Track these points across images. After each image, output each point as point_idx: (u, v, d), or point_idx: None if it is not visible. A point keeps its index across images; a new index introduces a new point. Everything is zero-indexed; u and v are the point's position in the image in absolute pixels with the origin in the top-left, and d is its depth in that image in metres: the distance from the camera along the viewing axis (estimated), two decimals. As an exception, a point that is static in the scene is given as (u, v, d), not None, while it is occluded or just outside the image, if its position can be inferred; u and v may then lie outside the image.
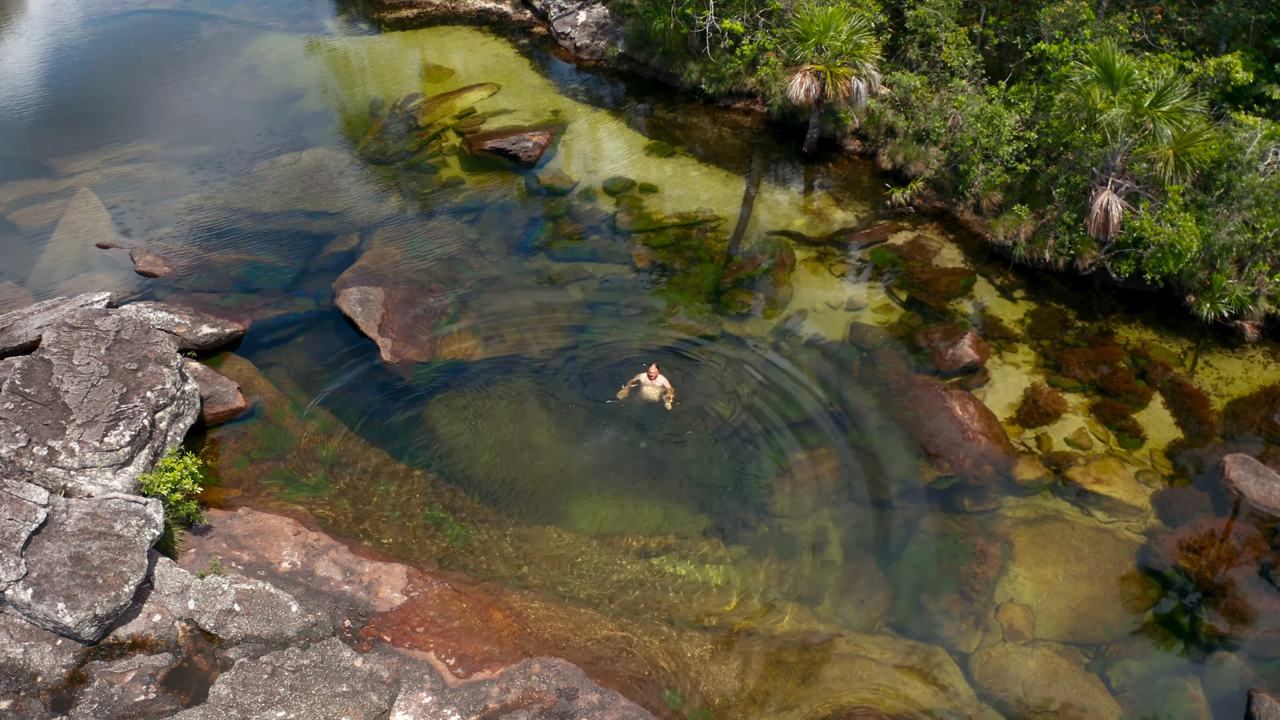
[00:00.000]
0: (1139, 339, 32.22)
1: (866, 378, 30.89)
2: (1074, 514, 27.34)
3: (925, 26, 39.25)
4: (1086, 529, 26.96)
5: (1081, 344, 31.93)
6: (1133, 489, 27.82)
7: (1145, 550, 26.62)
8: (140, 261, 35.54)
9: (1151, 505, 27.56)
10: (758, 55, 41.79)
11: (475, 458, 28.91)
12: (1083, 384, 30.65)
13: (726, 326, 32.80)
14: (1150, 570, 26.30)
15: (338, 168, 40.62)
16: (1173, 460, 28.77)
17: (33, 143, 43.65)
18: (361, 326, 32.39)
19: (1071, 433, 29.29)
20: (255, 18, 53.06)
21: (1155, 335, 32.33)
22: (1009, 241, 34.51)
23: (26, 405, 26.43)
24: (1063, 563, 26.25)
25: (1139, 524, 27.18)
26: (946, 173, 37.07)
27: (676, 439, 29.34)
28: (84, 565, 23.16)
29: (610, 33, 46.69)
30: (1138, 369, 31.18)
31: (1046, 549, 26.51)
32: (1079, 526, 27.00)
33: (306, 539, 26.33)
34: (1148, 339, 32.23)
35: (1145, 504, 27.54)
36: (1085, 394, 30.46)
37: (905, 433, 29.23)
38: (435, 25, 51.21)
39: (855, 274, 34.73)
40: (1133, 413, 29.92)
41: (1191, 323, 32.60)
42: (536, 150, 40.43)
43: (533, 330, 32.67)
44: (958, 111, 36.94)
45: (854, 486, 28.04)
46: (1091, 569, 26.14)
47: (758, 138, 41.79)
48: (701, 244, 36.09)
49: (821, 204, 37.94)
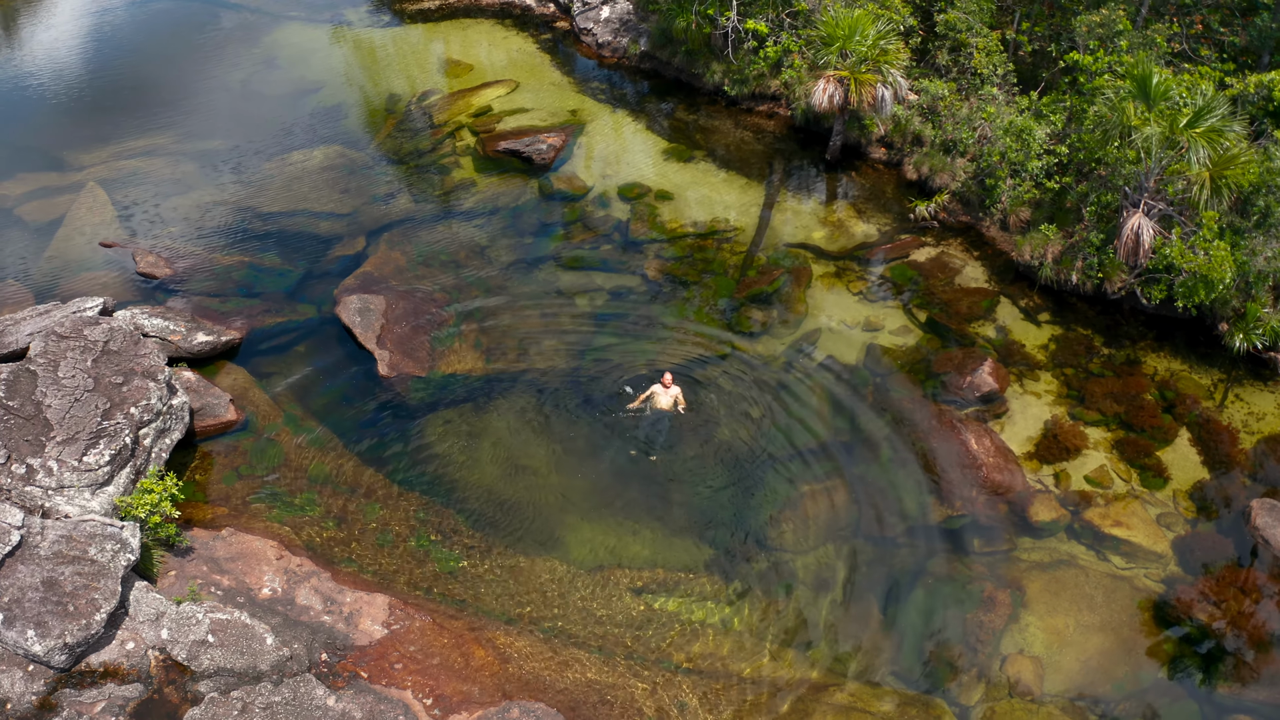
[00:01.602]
0: (1167, 369, 30.80)
1: (880, 405, 29.65)
2: (1089, 559, 26.06)
3: (955, 31, 37.78)
4: (1102, 575, 25.68)
5: (1107, 373, 30.55)
6: (1153, 533, 26.49)
7: (1163, 600, 25.32)
8: (141, 262, 34.76)
9: (1172, 551, 26.24)
10: (782, 57, 40.44)
11: (469, 480, 27.96)
12: (1106, 417, 29.28)
13: (738, 345, 31.63)
14: (1167, 622, 25.01)
15: (349, 166, 39.67)
16: (1197, 502, 27.41)
17: (46, 133, 43.02)
18: (359, 338, 31.47)
19: (1092, 470, 27.96)
20: (276, 6, 52.20)
21: (1185, 365, 30.89)
22: (1035, 261, 33.13)
23: (9, 419, 25.69)
24: (1075, 612, 24.99)
25: (1158, 571, 25.87)
26: (973, 186, 35.69)
27: (680, 463, 28.20)
28: (56, 591, 22.42)
29: (633, 30, 45.47)
30: (1165, 402, 29.79)
31: (1059, 596, 25.25)
32: (1094, 573, 25.71)
33: (289, 564, 25.45)
34: (1177, 369, 30.80)
35: (1165, 550, 26.22)
36: (1108, 428, 29.10)
37: (917, 466, 27.98)
38: (458, 17, 50.15)
39: (874, 292, 33.44)
40: (1157, 450, 28.54)
41: (1224, 353, 31.12)
42: (550, 153, 39.32)
43: (536, 344, 31.64)
44: (986, 123, 35.49)
45: (861, 522, 26.86)
46: (1105, 619, 24.87)
47: (780, 143, 40.48)
48: (716, 256, 34.89)
49: (843, 215, 36.62)
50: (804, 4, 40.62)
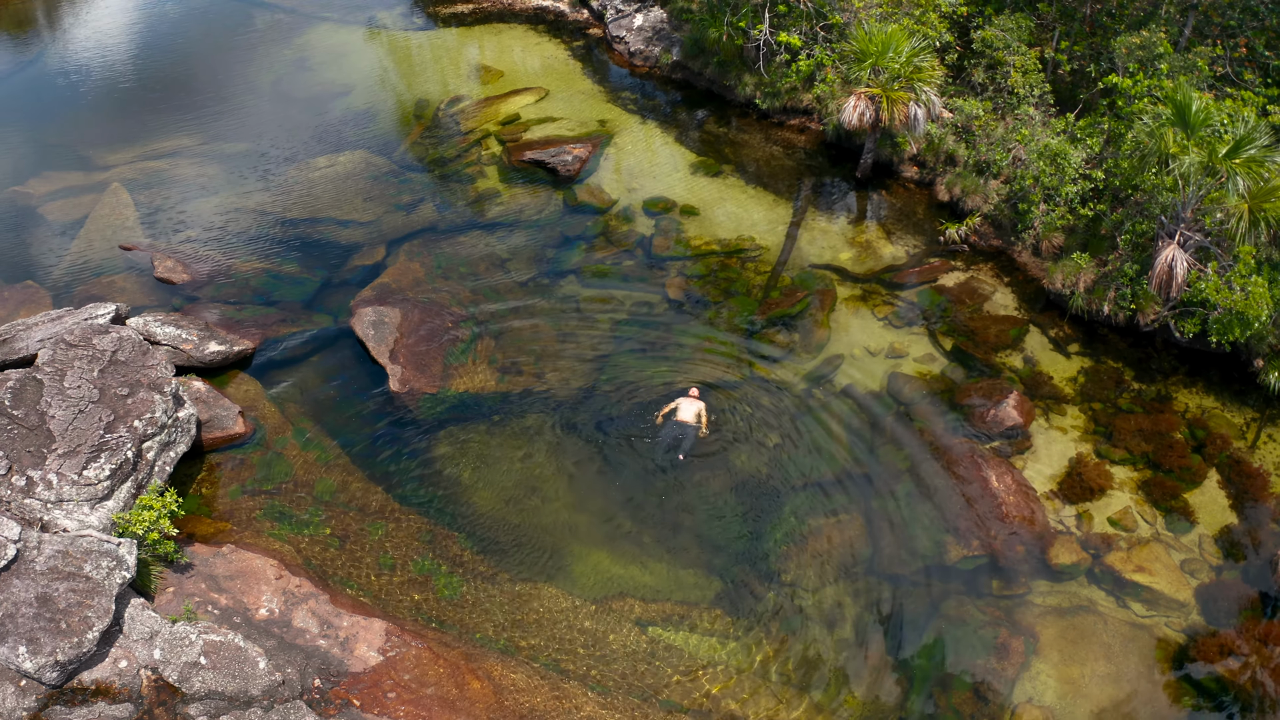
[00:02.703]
0: (1199, 406, 29.81)
1: (900, 437, 28.86)
2: (1109, 605, 25.18)
3: (992, 49, 36.86)
4: (1121, 623, 24.80)
5: (1136, 409, 29.60)
6: (1176, 580, 25.57)
7: (1183, 652, 24.40)
8: (160, 267, 34.47)
9: (1195, 600, 25.30)
10: (815, 71, 39.65)
11: (477, 501, 27.44)
12: (1133, 456, 28.35)
13: (757, 369, 30.91)
14: (1186, 676, 24.07)
15: (373, 173, 39.24)
16: (1223, 548, 26.44)
17: (74, 130, 42.97)
18: (372, 351, 31.01)
19: (1116, 511, 27.06)
20: (311, 7, 51.93)
21: (1217, 403, 29.89)
22: (1067, 290, 32.21)
23: (12, 429, 25.40)
24: (1091, 661, 24.12)
25: (1179, 620, 24.95)
26: (1006, 209, 34.81)
27: (692, 490, 27.55)
28: (50, 607, 22.08)
29: (666, 39, 44.80)
30: (1195, 441, 28.80)
31: (1075, 644, 24.40)
32: (1113, 620, 24.84)
33: (289, 584, 25.00)
34: (1209, 406, 29.81)
35: (1188, 598, 25.29)
36: (1135, 467, 28.17)
37: (935, 503, 27.17)
38: (491, 22, 49.68)
39: (899, 317, 32.61)
40: (1185, 492, 27.57)
41: (1258, 391, 30.10)
42: (576, 164, 38.71)
43: (552, 362, 31.04)
44: (1020, 145, 34.59)
45: (875, 558, 26.10)
46: (1121, 670, 24.00)
47: (811, 159, 39.69)
48: (740, 275, 34.17)
49: (871, 236, 35.81)
50: (838, 17, 39.80)
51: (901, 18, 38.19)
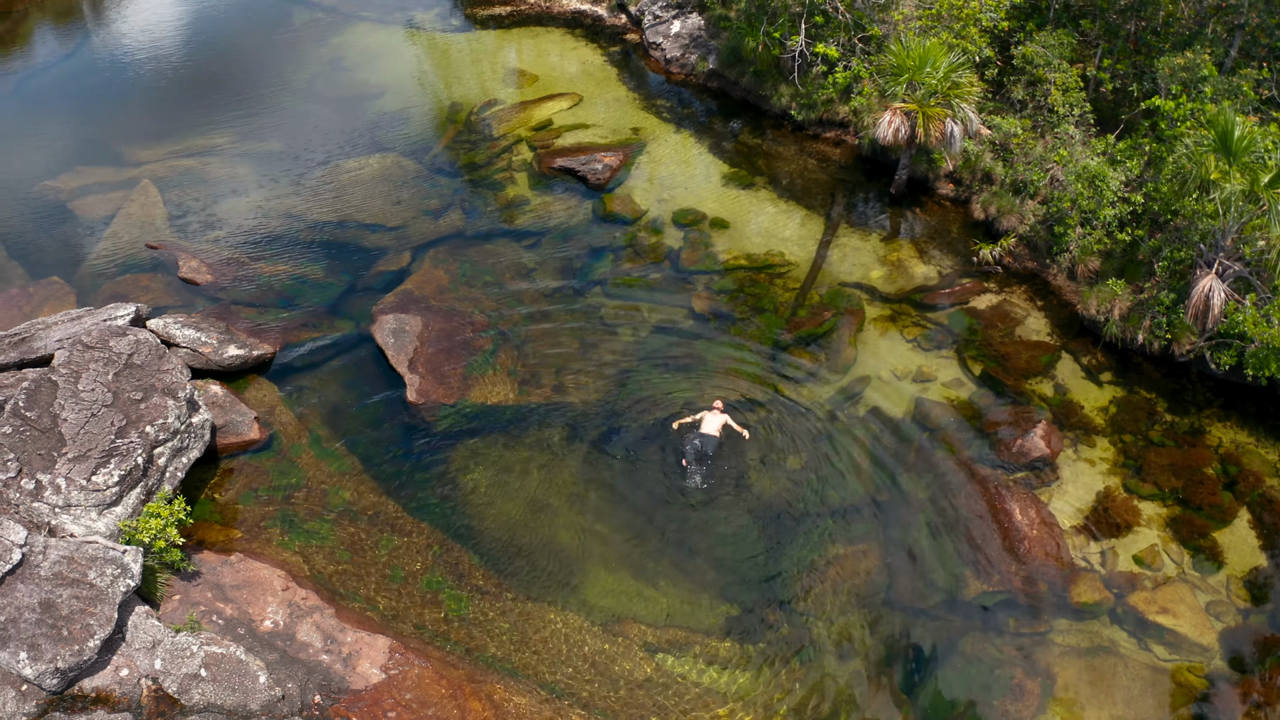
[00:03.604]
0: (1232, 441, 29.00)
1: (923, 465, 28.23)
2: (1130, 647, 24.48)
3: (1033, 66, 36.11)
4: (1141, 666, 24.10)
5: (1168, 443, 28.83)
6: (1201, 623, 24.84)
7: (1204, 700, 23.67)
8: (184, 268, 34.33)
9: (1219, 644, 24.56)
10: (852, 83, 39.00)
11: (489, 517, 27.10)
12: (1162, 491, 27.60)
13: (781, 389, 30.35)
14: (1207, 725, 23.38)
15: (403, 177, 38.94)
16: (1251, 591, 25.67)
17: (108, 125, 42.99)
18: (391, 360, 30.72)
19: (1142, 549, 26.34)
20: (349, 5, 51.74)
21: (1251, 438, 29.07)
22: (1101, 316, 31.46)
23: (25, 430, 25.29)
24: (1109, 705, 23.45)
25: (1202, 665, 24.22)
26: (1042, 231, 34.07)
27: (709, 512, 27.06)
28: (52, 614, 21.94)
29: (703, 46, 44.26)
30: (1227, 477, 28.01)
31: (1094, 687, 23.73)
32: (1133, 663, 24.14)
33: (295, 596, 24.74)
34: (1242, 442, 28.99)
35: (1212, 642, 24.55)
36: (1164, 503, 27.43)
37: (956, 534, 26.55)
38: (528, 25, 49.28)
39: (928, 340, 31.95)
40: (1214, 530, 26.81)
41: (1295, 427, 29.30)
42: (607, 173, 38.25)
43: (573, 375, 30.63)
44: (1058, 166, 33.83)
45: (892, 590, 25.53)
46: (1139, 716, 23.28)
47: (845, 173, 39.04)
48: (768, 291, 33.61)
49: (903, 254, 35.14)
50: (877, 29, 39.14)
51: (941, 31, 37.47)
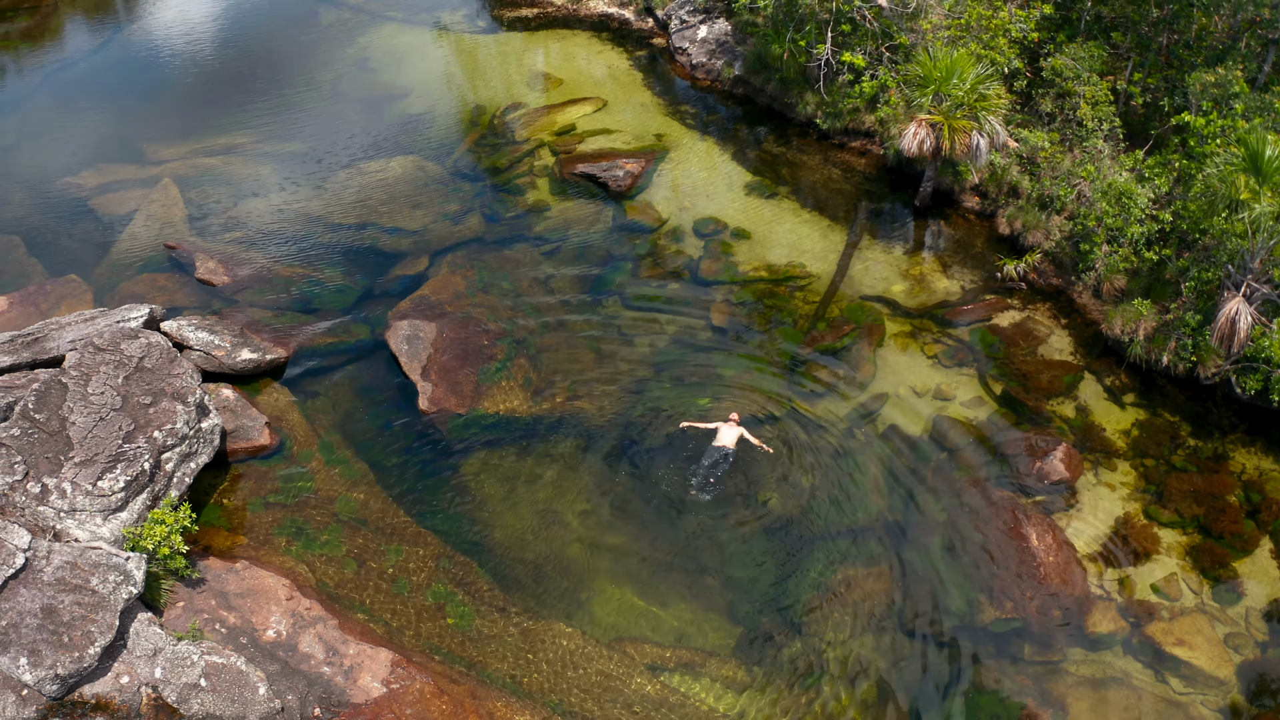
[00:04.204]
0: (1256, 468, 28.41)
1: (940, 485, 27.76)
2: (1145, 679, 23.96)
3: (1063, 78, 35.55)
4: (1155, 699, 23.58)
5: (1190, 468, 28.27)
6: (1218, 655, 24.28)
7: (1221, 735, 23.17)
8: (201, 269, 34.20)
9: (1236, 678, 24.00)
10: (878, 93, 38.49)
11: (498, 529, 26.82)
12: (1183, 518, 27.05)
13: (798, 404, 29.94)
14: (1221, 761, 22.87)
15: (424, 180, 38.71)
16: (1271, 624, 25.08)
17: (132, 122, 43.01)
18: (405, 367, 30.49)
19: (1160, 578, 25.81)
20: (376, 5, 51.62)
21: (1276, 465, 28.46)
22: (1125, 336, 30.92)
23: (33, 433, 25.17)
24: (1123, 739, 22.98)
25: (1217, 699, 23.69)
26: (1067, 247, 33.52)
27: (721, 528, 26.69)
28: (54, 619, 21.78)
29: (729, 52, 43.87)
30: (1250, 505, 27.43)
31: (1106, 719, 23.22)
32: (1147, 696, 23.62)
33: (299, 606, 24.52)
34: (1266, 469, 28.40)
35: (1229, 675, 24.00)
36: (1184, 530, 26.89)
37: (971, 559, 26.08)
38: (555, 28, 48.98)
39: (949, 357, 31.45)
40: (1234, 560, 26.24)
41: (1322, 454, 28.70)
42: (628, 180, 37.90)
43: (587, 386, 30.30)
44: (1085, 181, 33.28)
45: (904, 614, 25.09)
46: (1154, 751, 22.83)
47: (869, 183, 38.55)
48: (787, 304, 33.19)
49: (926, 269, 34.64)
50: (905, 38, 38.64)
51: (970, 42, 36.95)
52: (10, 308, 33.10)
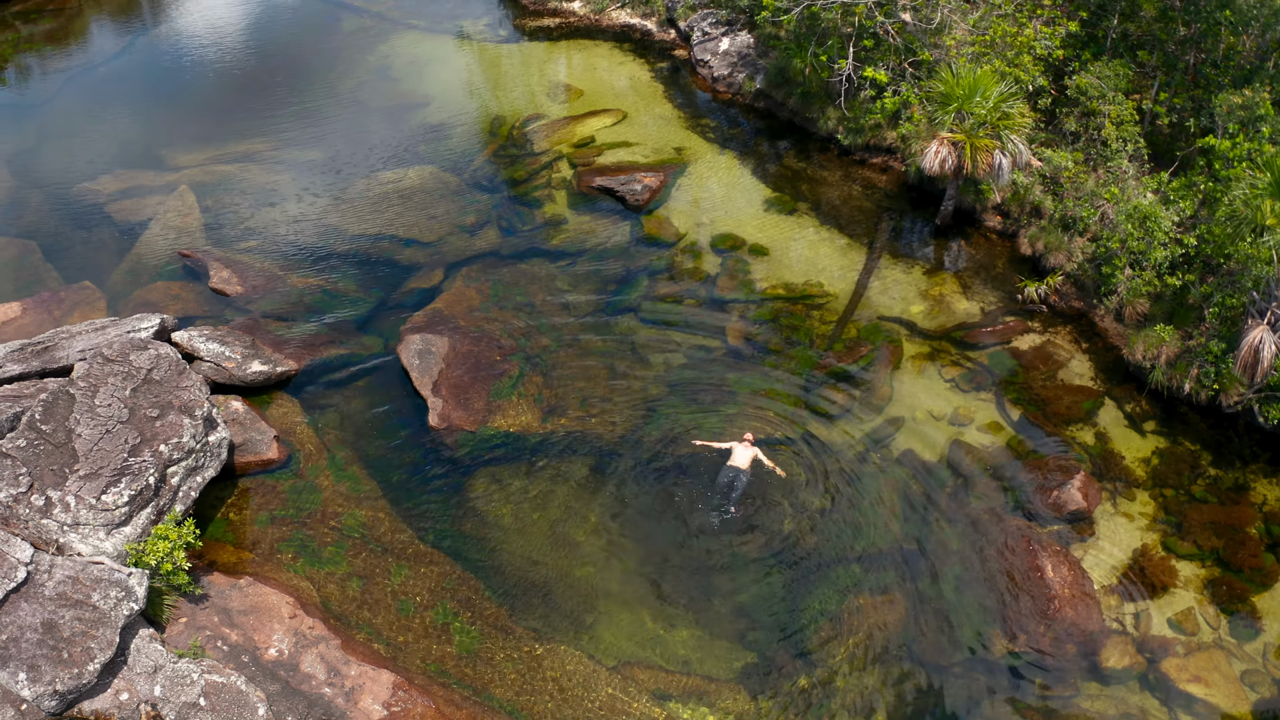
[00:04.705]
0: (1278, 499, 27.86)
1: (954, 512, 27.32)
2: (1160, 716, 23.44)
3: (1087, 97, 35.07)
4: (1172, 738, 23.12)
5: (1210, 498, 27.75)
6: (1234, 694, 23.75)
7: (1236, 778, 22.66)
8: (215, 278, 34.06)
9: (1253, 716, 23.44)
10: (900, 109, 38.05)
11: (506, 549, 26.52)
12: (1202, 551, 26.53)
13: (812, 427, 29.53)
14: (1236, 805, 22.35)
15: (441, 190, 38.50)
16: (1292, 663, 24.59)
17: (151, 127, 43.04)
18: (415, 382, 30.25)
19: (1177, 612, 25.29)
20: (397, 13, 51.44)
21: (1300, 497, 27.96)
22: (1147, 363, 30.41)
23: (39, 444, 25.04)
24: (1137, 779, 22.50)
25: (1234, 739, 23.21)
26: (1090, 269, 33.02)
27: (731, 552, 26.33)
28: (54, 634, 21.65)
29: (750, 65, 43.50)
30: (1270, 538, 26.87)
31: (1121, 758, 22.77)
32: (1164, 734, 23.16)
33: (301, 624, 24.29)
34: (1290, 502, 27.89)
35: (1245, 714, 23.44)
36: (1203, 564, 26.36)
37: (985, 589, 25.62)
38: (576, 38, 48.72)
39: (967, 380, 30.99)
40: (1254, 595, 25.68)
41: (1346, 486, 28.12)
42: (646, 194, 37.56)
43: (599, 405, 29.97)
44: (1109, 203, 32.79)
45: (915, 645, 24.64)
46: (1169, 792, 22.35)
47: (890, 200, 38.10)
48: (804, 323, 32.79)
49: (946, 289, 34.18)
50: (928, 54, 38.19)
51: (994, 59, 36.49)
52: (24, 313, 33.06)
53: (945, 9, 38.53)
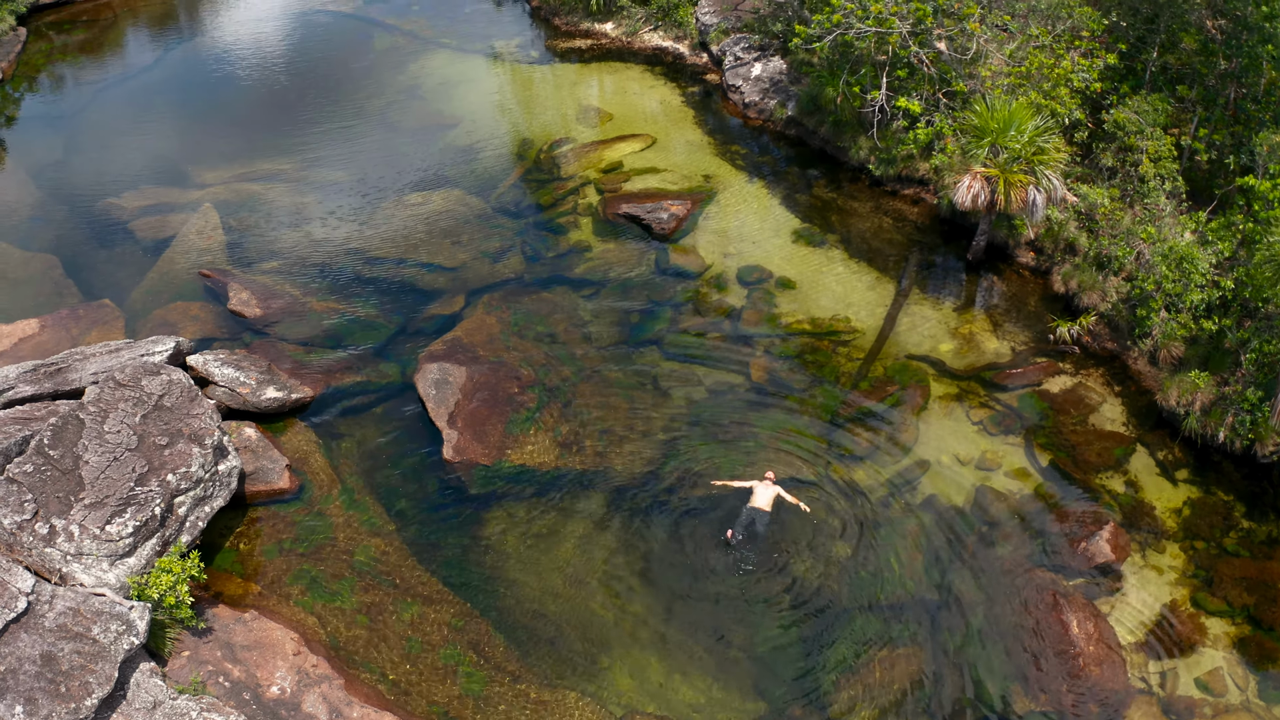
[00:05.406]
0: (1314, 556, 27.03)
1: (979, 563, 26.57)
2: (1187, 784, 22.67)
3: (1125, 132, 34.30)
4: (1198, 807, 22.30)
5: (1242, 552, 26.90)
6: (1264, 762, 22.97)
7: None
8: (234, 299, 33.74)
9: (1283, 787, 22.67)
10: (933, 140, 37.34)
11: (518, 587, 25.96)
12: (1232, 608, 25.67)
13: (835, 469, 28.84)
14: None
15: (466, 215, 38.08)
16: (1324, 730, 23.73)
17: (178, 142, 42.97)
18: (431, 413, 29.77)
19: (1205, 672, 24.43)
20: (429, 32, 51.18)
21: (1336, 554, 27.08)
22: (1181, 409, 29.59)
23: (46, 470, 24.71)
24: None
25: (1263, 809, 22.37)
26: (1124, 310, 32.21)
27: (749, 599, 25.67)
28: (52, 667, 21.25)
29: (782, 92, 42.90)
30: (1305, 597, 26.05)
31: (1144, 827, 21.97)
32: (1189, 802, 22.34)
33: (305, 662, 23.80)
34: (1325, 558, 27.02)
35: (1276, 783, 22.68)
36: (1233, 621, 25.50)
37: (1007, 644, 24.83)
38: (608, 60, 48.30)
39: (995, 423, 30.23)
40: (1287, 656, 24.87)
41: (1385, 543, 27.21)
42: (672, 222, 37.00)
43: (617, 441, 29.40)
44: (1145, 244, 31.99)
45: (933, 701, 23.88)
46: None
47: (921, 233, 37.38)
48: (830, 360, 32.11)
49: (976, 327, 33.43)
50: (962, 85, 37.48)
51: (1030, 90, 35.76)
52: (42, 330, 32.87)
53: (981, 39, 37.82)
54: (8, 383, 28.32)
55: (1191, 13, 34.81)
